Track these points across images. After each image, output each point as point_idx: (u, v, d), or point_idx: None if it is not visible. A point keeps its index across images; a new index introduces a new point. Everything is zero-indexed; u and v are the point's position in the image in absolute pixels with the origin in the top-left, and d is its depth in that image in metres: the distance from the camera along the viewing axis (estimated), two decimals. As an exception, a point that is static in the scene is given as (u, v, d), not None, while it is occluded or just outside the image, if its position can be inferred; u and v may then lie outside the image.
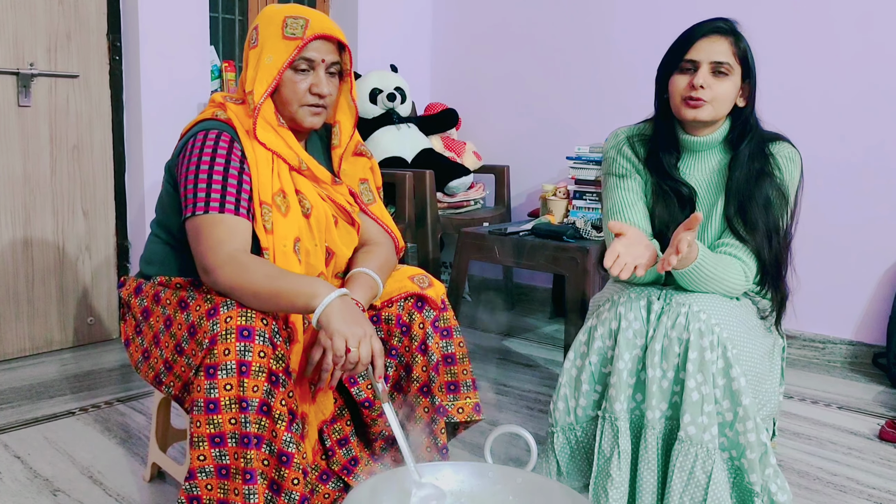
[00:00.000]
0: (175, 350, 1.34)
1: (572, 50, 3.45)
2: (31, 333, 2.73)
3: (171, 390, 1.39)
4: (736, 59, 1.56)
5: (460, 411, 1.59)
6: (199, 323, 1.28)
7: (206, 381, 1.22)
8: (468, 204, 3.37)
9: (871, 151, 2.71)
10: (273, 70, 1.43)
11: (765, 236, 1.55)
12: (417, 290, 1.55)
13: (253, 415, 1.22)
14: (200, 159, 1.38)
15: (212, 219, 1.34)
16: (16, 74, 2.58)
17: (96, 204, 2.85)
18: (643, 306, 1.51)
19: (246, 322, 1.24)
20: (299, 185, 1.48)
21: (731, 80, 1.56)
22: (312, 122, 1.49)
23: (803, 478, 1.89)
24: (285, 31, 1.43)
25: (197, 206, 1.35)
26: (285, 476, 1.24)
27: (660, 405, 1.47)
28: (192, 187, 1.37)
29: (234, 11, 3.39)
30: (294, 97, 1.46)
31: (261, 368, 1.23)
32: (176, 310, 1.37)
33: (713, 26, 1.57)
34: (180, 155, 1.43)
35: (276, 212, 1.43)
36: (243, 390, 1.21)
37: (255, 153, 1.43)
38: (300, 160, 1.48)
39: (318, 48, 1.45)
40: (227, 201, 1.35)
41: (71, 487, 1.75)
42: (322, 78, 1.46)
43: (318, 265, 1.49)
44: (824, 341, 2.86)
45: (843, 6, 2.72)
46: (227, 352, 1.22)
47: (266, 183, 1.43)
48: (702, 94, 1.55)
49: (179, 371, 1.34)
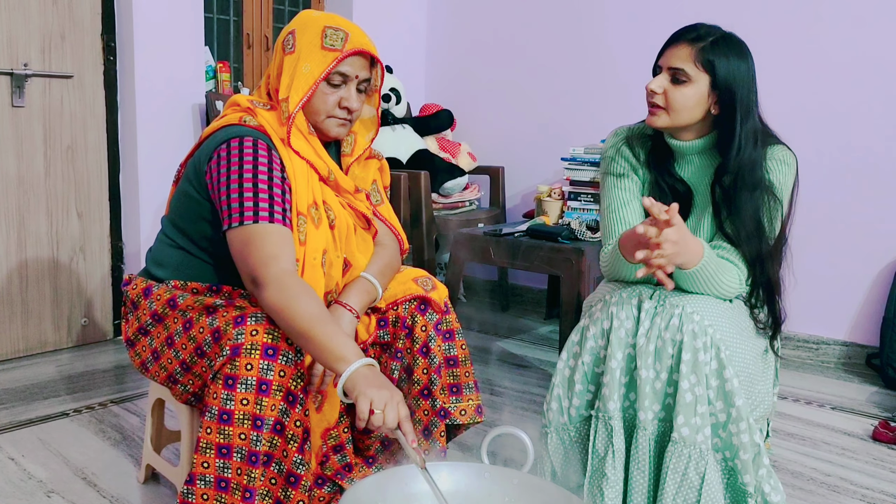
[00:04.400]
0: (195, 352, 1.34)
1: (567, 51, 3.45)
2: (25, 334, 2.72)
3: (188, 388, 1.39)
4: (698, 66, 1.53)
5: (462, 413, 1.60)
6: (225, 329, 1.27)
7: (223, 390, 1.22)
8: (463, 205, 3.38)
9: (864, 153, 2.72)
10: (310, 80, 1.42)
11: (756, 254, 1.55)
12: (421, 293, 1.56)
13: (266, 433, 1.22)
14: (242, 167, 1.34)
15: (262, 229, 1.31)
16: (9, 75, 2.57)
17: (90, 205, 2.84)
18: (635, 305, 1.51)
19: (272, 341, 1.24)
20: (325, 195, 1.48)
21: (690, 88, 1.54)
22: (339, 132, 1.49)
23: (797, 478, 1.90)
24: (325, 42, 1.42)
25: (245, 215, 1.31)
26: (291, 497, 1.25)
27: (652, 406, 1.47)
28: (238, 196, 1.32)
29: (229, 12, 3.39)
30: (323, 108, 1.45)
31: (280, 388, 1.23)
32: (200, 313, 1.36)
33: (680, 33, 1.57)
34: (212, 161, 1.39)
35: (310, 223, 1.41)
36: (260, 409, 1.22)
37: (293, 163, 1.42)
38: (329, 170, 1.47)
39: (354, 63, 1.44)
40: (275, 210, 1.33)
41: (65, 489, 1.75)
42: (353, 94, 1.46)
43: (337, 276, 1.48)
44: (818, 342, 2.87)
45: (839, 8, 2.73)
46: (250, 367, 1.22)
47: (303, 193, 1.41)
48: (656, 100, 1.56)
49: (199, 371, 1.34)
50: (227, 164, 1.35)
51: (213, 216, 1.43)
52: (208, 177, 1.40)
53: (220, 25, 3.37)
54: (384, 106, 3.27)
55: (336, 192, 1.51)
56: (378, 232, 1.61)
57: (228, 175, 1.34)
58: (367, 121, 1.59)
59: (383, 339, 1.57)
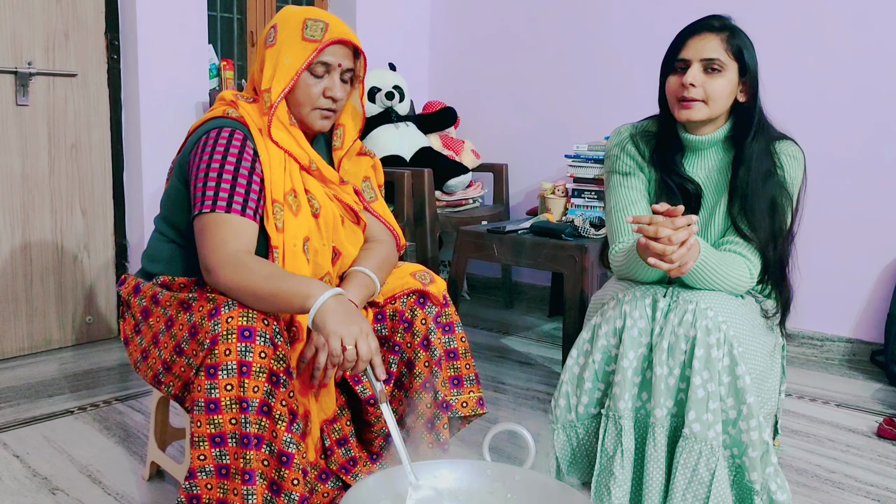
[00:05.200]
0: (174, 351, 1.34)
1: (571, 48, 3.45)
2: (30, 332, 2.73)
3: (170, 390, 1.39)
4: (729, 55, 1.55)
5: (464, 405, 1.60)
6: (201, 323, 1.28)
7: (206, 380, 1.22)
8: (467, 202, 3.37)
9: (869, 149, 2.71)
10: (291, 71, 1.43)
11: (769, 236, 1.55)
12: (419, 287, 1.57)
13: (253, 415, 1.22)
14: (212, 157, 1.38)
15: (218, 218, 1.34)
16: (14, 73, 2.58)
17: (95, 203, 2.85)
18: (648, 304, 1.51)
19: (247, 322, 1.25)
20: (308, 184, 1.49)
21: (725, 77, 1.55)
22: (322, 125, 1.51)
23: (801, 475, 1.90)
24: (305, 33, 1.44)
25: (205, 204, 1.35)
26: (285, 476, 1.25)
27: (666, 403, 1.46)
28: (202, 185, 1.36)
29: (233, 10, 3.39)
30: (307, 100, 1.47)
31: (261, 369, 1.23)
32: (178, 310, 1.37)
33: (703, 24, 1.57)
34: (192, 152, 1.43)
35: (288, 211, 1.43)
36: (244, 391, 1.22)
37: (269, 152, 1.44)
38: (310, 160, 1.49)
39: (336, 52, 1.46)
40: (234, 201, 1.35)
41: (70, 486, 1.75)
42: (336, 82, 1.47)
43: (325, 265, 1.49)
44: (822, 339, 2.86)
45: (842, 3, 2.72)
46: (228, 352, 1.22)
47: (279, 182, 1.43)
48: (693, 94, 1.55)
49: (179, 371, 1.34)
50: (201, 155, 1.39)
51: None
52: (189, 167, 1.43)
53: (224, 23, 3.37)
54: (388, 104, 3.27)
55: (321, 182, 1.52)
56: (371, 227, 1.63)
57: (199, 164, 1.38)
58: (351, 111, 1.60)
59: (381, 332, 1.57)
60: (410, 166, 3.14)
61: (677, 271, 1.40)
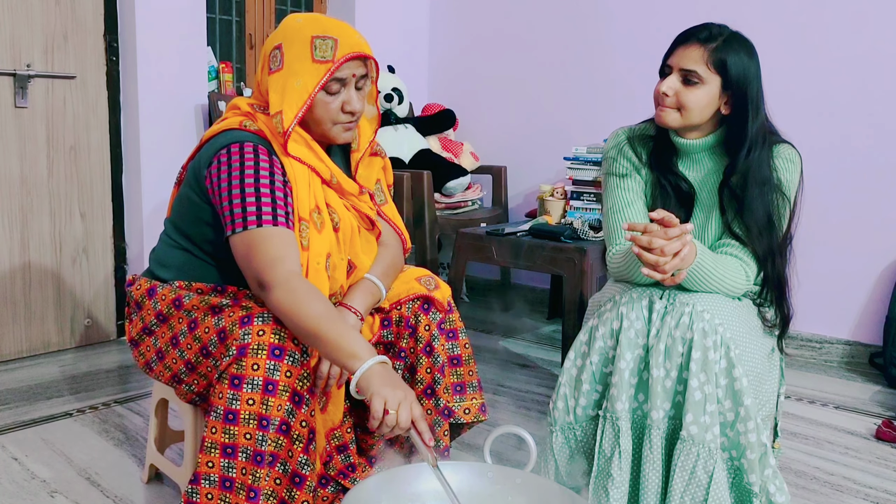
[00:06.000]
0: (200, 352, 1.34)
1: (570, 51, 3.45)
2: (29, 335, 2.73)
3: (193, 388, 1.39)
4: (710, 67, 1.53)
5: (466, 412, 1.60)
6: (231, 329, 1.27)
7: (229, 390, 1.22)
8: (466, 204, 3.38)
9: (868, 152, 2.71)
10: (304, 94, 1.38)
11: (768, 251, 1.55)
12: (424, 292, 1.56)
13: (272, 434, 1.22)
14: (244, 173, 1.34)
15: (266, 232, 1.31)
16: (12, 75, 2.57)
17: (93, 205, 2.85)
18: (645, 306, 1.51)
19: (279, 341, 1.24)
20: (329, 198, 1.47)
21: (702, 89, 1.54)
22: (346, 137, 1.48)
23: (800, 477, 1.90)
24: (315, 54, 1.38)
25: (247, 220, 1.31)
26: (296, 497, 1.25)
27: (663, 405, 1.47)
28: (240, 202, 1.32)
29: (231, 12, 3.39)
30: (327, 116, 1.43)
31: (286, 388, 1.23)
32: (206, 314, 1.36)
33: (692, 33, 1.56)
34: (212, 166, 1.38)
35: (313, 228, 1.41)
36: (266, 408, 1.22)
37: (293, 168, 1.41)
38: (331, 173, 1.47)
39: (349, 66, 1.41)
40: (278, 214, 1.32)
41: (68, 489, 1.75)
42: (353, 96, 1.43)
43: (341, 278, 1.48)
44: (821, 341, 2.86)
45: (842, 4, 2.73)
46: (256, 367, 1.22)
47: (304, 199, 1.41)
48: (667, 101, 1.57)
49: (205, 370, 1.34)
50: (228, 170, 1.35)
51: (215, 220, 1.42)
52: (208, 181, 1.39)
53: (223, 26, 3.37)
54: (387, 106, 3.27)
55: (339, 194, 1.50)
56: (382, 232, 1.61)
57: (230, 181, 1.34)
58: (371, 115, 1.58)
59: (386, 338, 1.57)
60: (409, 168, 3.14)
61: (671, 281, 1.42)
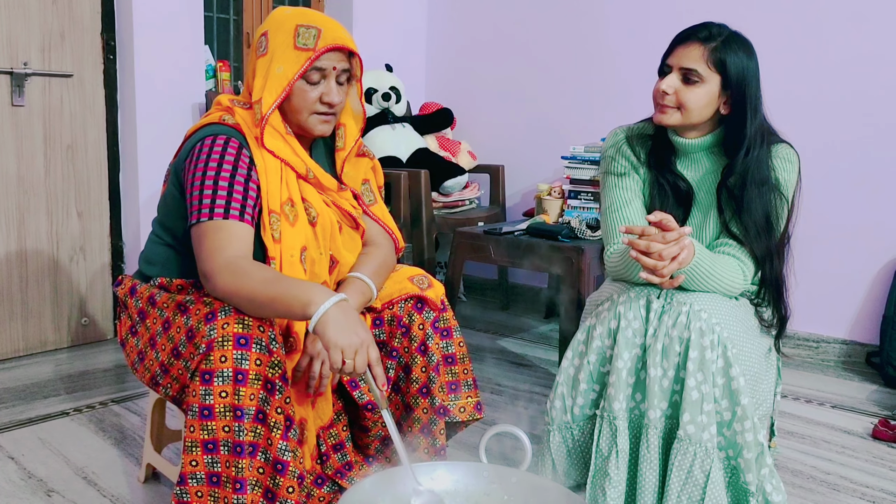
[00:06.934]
0: (172, 353, 1.34)
1: (567, 50, 3.45)
2: (25, 334, 2.72)
3: (168, 392, 1.39)
4: (710, 66, 1.53)
5: (462, 410, 1.60)
6: (198, 327, 1.27)
7: (201, 386, 1.22)
8: (463, 204, 3.38)
9: (865, 152, 2.72)
10: (283, 81, 1.40)
11: (766, 252, 1.56)
12: (417, 292, 1.55)
13: (248, 423, 1.22)
14: (207, 165, 1.36)
15: (215, 225, 1.32)
16: (9, 74, 2.57)
17: (90, 204, 2.84)
18: (642, 305, 1.51)
19: (243, 330, 1.24)
20: (305, 193, 1.47)
21: (702, 88, 1.55)
22: (322, 129, 1.48)
23: (797, 477, 1.90)
24: (297, 42, 1.40)
25: (202, 212, 1.33)
26: (280, 484, 1.25)
27: (660, 404, 1.47)
28: (198, 193, 1.35)
29: (229, 11, 3.39)
30: (304, 106, 1.44)
31: (257, 376, 1.23)
32: (175, 313, 1.36)
33: (692, 32, 1.56)
34: (187, 160, 1.41)
35: (285, 221, 1.41)
36: (238, 398, 1.21)
37: (265, 161, 1.42)
38: (307, 168, 1.47)
39: (330, 57, 1.42)
40: (231, 207, 1.34)
41: (65, 488, 1.75)
42: (332, 87, 1.44)
43: (323, 274, 1.48)
44: (818, 340, 2.87)
45: (840, 5, 2.73)
46: (224, 359, 1.22)
47: (275, 191, 1.41)
48: (667, 100, 1.57)
49: (176, 373, 1.34)
50: (195, 162, 1.38)
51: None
52: (184, 175, 1.42)
53: (220, 24, 3.37)
54: (384, 105, 3.27)
55: (318, 189, 1.50)
56: (369, 231, 1.61)
57: (195, 173, 1.37)
58: (351, 110, 1.57)
59: (379, 337, 1.57)
60: (407, 167, 3.14)
61: (668, 284, 1.42)
